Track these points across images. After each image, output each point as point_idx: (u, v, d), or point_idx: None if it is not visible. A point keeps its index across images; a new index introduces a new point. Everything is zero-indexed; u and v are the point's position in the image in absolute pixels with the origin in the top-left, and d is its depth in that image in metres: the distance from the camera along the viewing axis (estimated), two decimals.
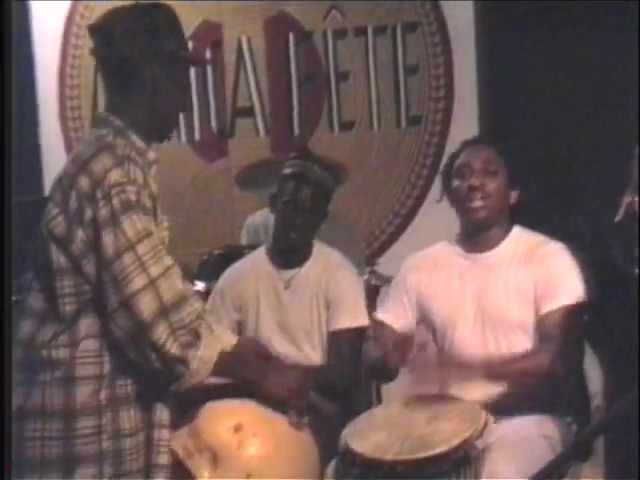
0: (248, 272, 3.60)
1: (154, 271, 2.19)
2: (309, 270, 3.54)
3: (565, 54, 4.77)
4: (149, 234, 2.23)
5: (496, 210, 3.08)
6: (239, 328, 3.56)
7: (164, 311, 2.18)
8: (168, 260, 2.26)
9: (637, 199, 2.62)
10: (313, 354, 3.50)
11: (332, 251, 3.61)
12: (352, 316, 3.44)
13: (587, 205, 4.48)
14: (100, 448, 2.19)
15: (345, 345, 3.43)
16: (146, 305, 2.16)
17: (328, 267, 3.53)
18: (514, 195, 3.12)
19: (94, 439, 2.19)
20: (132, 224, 2.21)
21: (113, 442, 2.20)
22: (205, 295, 4.23)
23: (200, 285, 4.41)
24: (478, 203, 3.04)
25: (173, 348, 2.18)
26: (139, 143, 2.34)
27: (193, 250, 5.22)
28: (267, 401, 2.65)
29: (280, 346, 3.48)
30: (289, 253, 3.55)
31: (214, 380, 2.46)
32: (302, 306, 3.51)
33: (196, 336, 2.24)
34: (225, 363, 2.37)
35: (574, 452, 2.61)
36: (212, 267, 4.37)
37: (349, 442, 2.72)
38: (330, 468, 2.86)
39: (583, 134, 4.72)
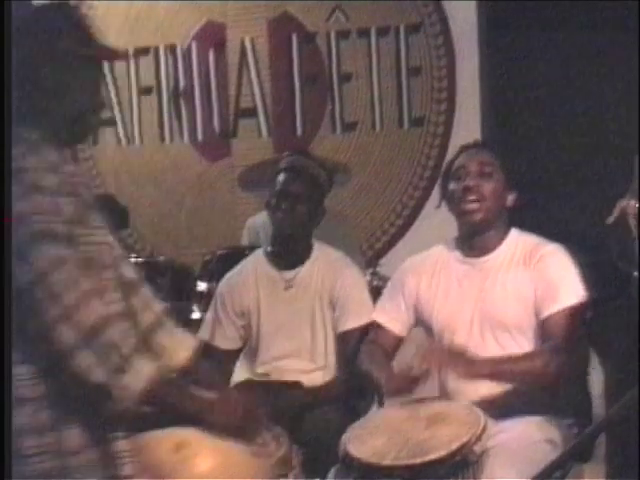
0: (247, 276, 3.59)
1: (68, 299, 2.14)
2: (310, 270, 3.52)
3: (567, 56, 4.78)
4: (62, 261, 2.17)
5: (492, 212, 3.07)
6: (243, 333, 3.56)
7: (84, 338, 2.14)
8: (88, 284, 2.19)
9: (633, 203, 2.63)
10: (316, 355, 3.50)
11: (333, 250, 3.59)
12: (359, 315, 3.42)
13: (587, 207, 4.48)
14: (44, 467, 2.17)
15: (355, 346, 3.42)
16: (63, 335, 2.12)
17: (330, 266, 3.51)
18: (511, 198, 3.11)
19: (38, 459, 2.17)
20: (41, 255, 2.16)
21: (59, 461, 2.18)
22: (207, 295, 4.24)
23: (202, 285, 4.42)
24: (474, 205, 3.04)
25: (94, 376, 2.13)
26: (53, 156, 2.24)
27: (195, 250, 5.24)
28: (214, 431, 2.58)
29: (282, 348, 3.49)
30: (288, 253, 3.54)
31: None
32: (304, 306, 3.50)
33: (125, 360, 2.18)
34: (158, 391, 2.22)
35: (575, 452, 2.61)
36: (214, 267, 4.38)
37: (348, 447, 2.72)
38: (331, 473, 2.87)
39: (585, 134, 4.72)
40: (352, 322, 3.43)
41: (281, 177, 3.48)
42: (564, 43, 4.79)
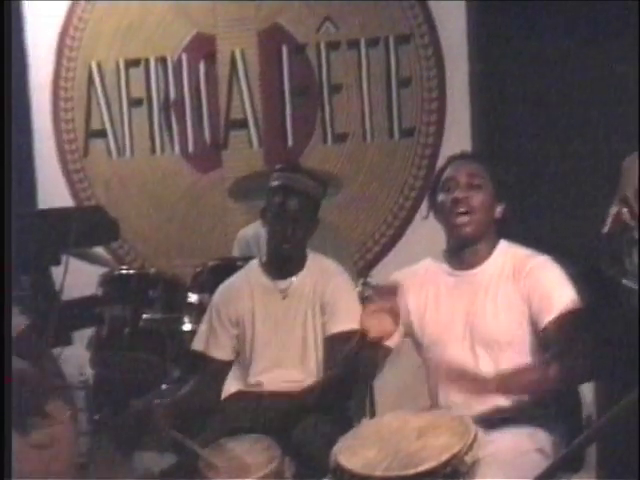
0: (242, 286, 3.61)
1: None
2: (304, 279, 3.54)
3: (558, 66, 4.79)
4: None
5: (481, 225, 3.07)
6: (236, 343, 3.57)
7: None
8: None
9: (624, 210, 2.64)
10: (307, 363, 3.50)
11: (326, 259, 3.62)
12: (348, 319, 3.43)
13: (575, 217, 4.50)
14: None
15: (340, 350, 3.43)
16: None
17: (322, 274, 3.54)
18: (499, 209, 3.12)
19: None
20: None
21: None
22: (198, 307, 4.25)
23: (193, 297, 4.42)
24: (463, 219, 3.04)
25: None
26: None
27: (186, 261, 5.23)
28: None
29: (276, 357, 3.49)
30: (283, 264, 3.56)
31: None
32: (297, 315, 3.52)
33: None
34: None
35: (565, 462, 2.60)
36: (205, 279, 4.37)
37: (339, 458, 2.72)
38: None
39: (574, 146, 4.73)
40: (340, 326, 3.44)
41: (276, 197, 3.51)
42: (555, 53, 4.80)
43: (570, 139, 4.70)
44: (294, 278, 3.54)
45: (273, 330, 3.52)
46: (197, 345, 3.62)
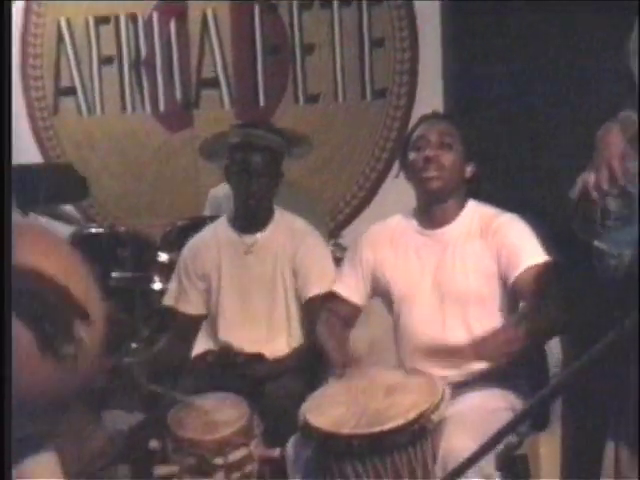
0: (210, 240, 3.61)
1: None
2: (271, 234, 3.54)
3: (532, 27, 4.78)
4: None
5: (451, 183, 3.08)
6: (207, 297, 3.57)
7: None
8: None
9: (594, 178, 2.65)
10: (276, 321, 3.51)
11: (294, 217, 3.62)
12: (323, 282, 3.44)
13: (545, 179, 4.51)
14: None
15: (314, 313, 3.42)
16: None
17: (292, 234, 3.53)
18: (469, 170, 3.13)
19: None
20: None
21: None
22: (168, 266, 4.24)
23: (163, 256, 4.42)
24: (432, 173, 3.05)
25: None
26: None
27: (157, 221, 5.21)
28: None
29: (242, 312, 3.49)
30: (250, 219, 3.55)
31: None
32: (264, 271, 3.51)
33: None
34: None
35: (528, 415, 2.60)
36: (175, 238, 4.37)
37: (307, 416, 2.73)
38: (290, 442, 2.89)
39: (547, 107, 4.73)
40: (316, 289, 3.45)
41: (237, 154, 3.50)
42: (529, 16, 4.78)
43: (543, 99, 4.70)
44: (259, 234, 3.54)
45: (238, 285, 3.52)
46: (167, 300, 3.64)
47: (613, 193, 2.58)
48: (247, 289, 3.51)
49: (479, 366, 2.94)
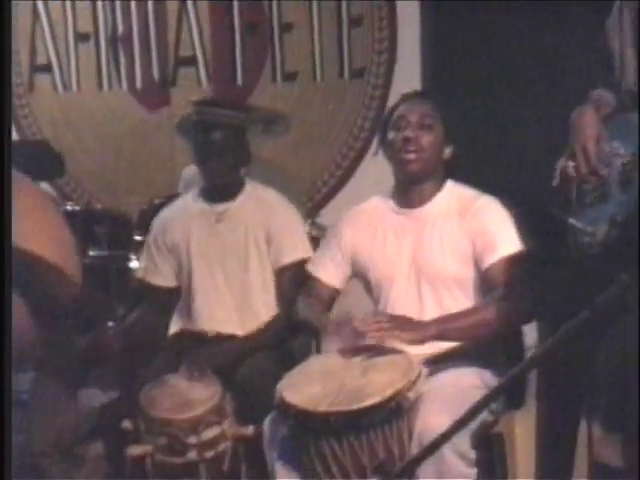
0: (180, 212, 3.61)
1: None
2: (242, 204, 3.53)
3: (511, 7, 4.76)
4: None
5: (429, 164, 3.10)
6: (177, 269, 3.56)
7: None
8: None
9: (570, 164, 2.67)
10: (250, 290, 3.49)
11: (266, 188, 3.61)
12: (296, 250, 3.45)
13: (525, 161, 4.51)
14: None
15: (288, 282, 3.44)
16: None
17: (263, 202, 3.52)
18: (448, 151, 3.14)
19: None
20: None
21: None
22: (144, 244, 4.22)
23: (140, 234, 4.40)
24: (412, 155, 3.06)
25: None
26: None
27: (133, 199, 5.19)
28: None
29: (214, 281, 3.48)
30: (219, 191, 3.54)
31: None
32: (236, 238, 3.50)
33: None
34: None
35: (501, 392, 2.62)
36: (152, 216, 4.34)
37: (284, 394, 2.74)
38: (267, 420, 2.89)
39: (526, 88, 4.73)
40: (289, 257, 3.45)
41: (197, 134, 3.49)
42: None
43: (522, 81, 4.69)
44: (230, 203, 3.53)
45: (209, 254, 3.51)
46: (138, 274, 3.64)
47: (589, 177, 2.60)
48: (219, 258, 3.49)
49: (446, 345, 2.96)
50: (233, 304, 3.47)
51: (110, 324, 4.23)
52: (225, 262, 3.49)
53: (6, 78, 2.20)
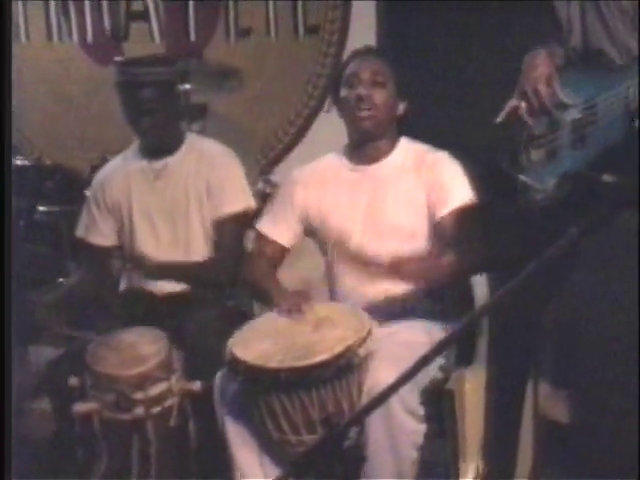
0: (119, 170, 3.57)
1: None
2: (182, 158, 3.49)
3: None
4: None
5: (383, 121, 3.09)
6: (118, 228, 3.53)
7: None
8: None
9: (523, 104, 2.68)
10: (194, 246, 3.46)
11: (206, 140, 3.58)
12: (237, 200, 3.42)
13: (478, 117, 4.51)
14: None
15: (230, 233, 3.42)
16: None
17: (204, 155, 3.48)
18: (401, 107, 3.13)
19: None
20: None
21: None
22: None
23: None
24: (365, 113, 3.05)
25: None
26: None
27: (85, 155, 5.14)
28: None
29: (154, 237, 3.46)
30: (158, 147, 3.49)
31: None
32: (176, 195, 3.46)
33: None
34: None
35: (449, 344, 2.62)
36: None
37: (234, 350, 2.73)
38: (218, 376, 2.89)
39: (479, 42, 4.72)
40: (229, 207, 3.42)
41: (124, 94, 3.44)
42: None
43: (475, 35, 4.68)
44: (169, 159, 3.49)
45: (149, 212, 3.48)
46: (78, 232, 3.60)
47: (539, 117, 2.61)
48: (159, 215, 3.46)
49: (397, 287, 2.96)
50: (174, 254, 3.43)
51: (60, 280, 4.19)
52: (166, 219, 3.45)
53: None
